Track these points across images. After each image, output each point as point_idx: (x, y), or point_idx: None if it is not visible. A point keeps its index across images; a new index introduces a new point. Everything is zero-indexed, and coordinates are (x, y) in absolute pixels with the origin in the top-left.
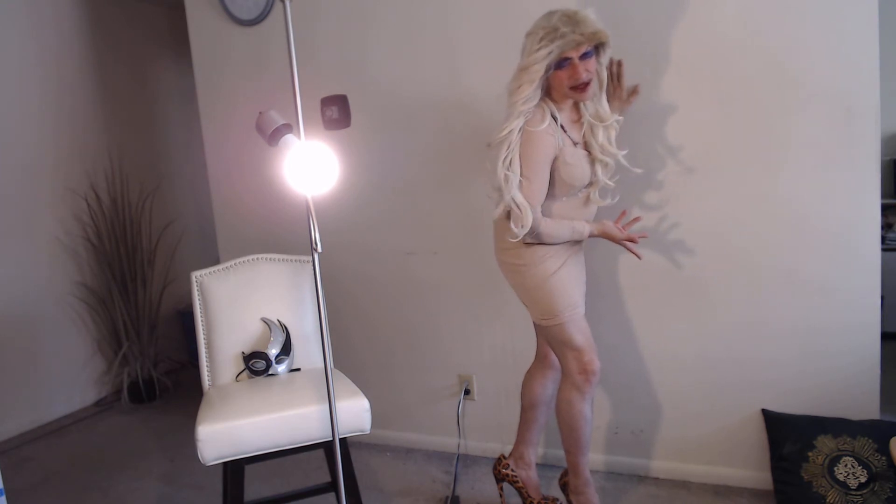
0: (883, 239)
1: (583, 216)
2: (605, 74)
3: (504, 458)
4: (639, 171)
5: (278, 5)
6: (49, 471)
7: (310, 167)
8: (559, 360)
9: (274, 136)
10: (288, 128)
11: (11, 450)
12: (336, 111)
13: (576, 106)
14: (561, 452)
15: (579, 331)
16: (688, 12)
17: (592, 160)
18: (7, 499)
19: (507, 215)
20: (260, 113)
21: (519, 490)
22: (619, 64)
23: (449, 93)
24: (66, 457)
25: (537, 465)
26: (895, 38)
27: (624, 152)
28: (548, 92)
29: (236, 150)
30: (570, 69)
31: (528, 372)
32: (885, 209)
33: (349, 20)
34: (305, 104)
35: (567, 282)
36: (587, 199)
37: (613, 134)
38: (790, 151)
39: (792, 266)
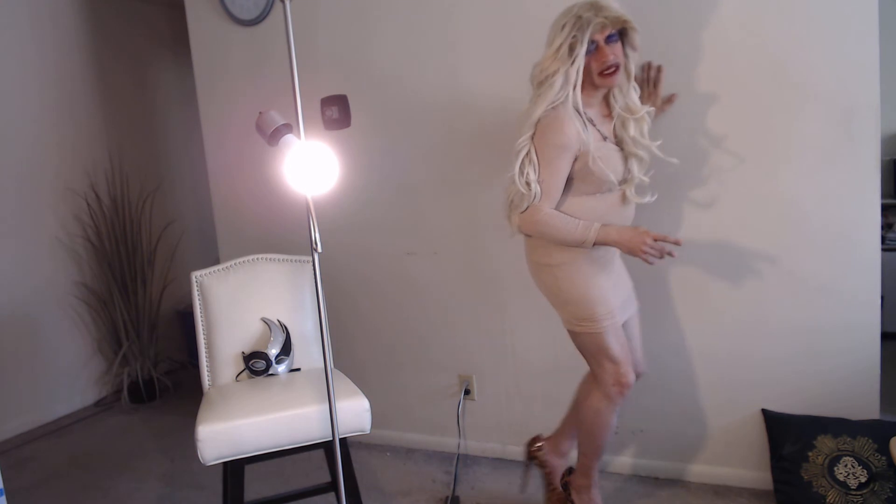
0: (883, 239)
1: (620, 216)
2: (632, 66)
3: (540, 438)
4: (675, 160)
5: (278, 5)
6: (49, 471)
7: (310, 167)
8: (592, 367)
9: (274, 136)
10: (288, 128)
11: (11, 450)
12: (336, 111)
13: (605, 101)
14: None
15: (617, 341)
16: (687, 12)
17: (626, 156)
18: (7, 499)
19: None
20: (260, 113)
21: (546, 475)
22: (659, 69)
23: (449, 92)
24: (66, 457)
25: None
26: (895, 38)
27: (658, 143)
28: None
29: (236, 150)
30: (597, 53)
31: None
32: (885, 209)
33: (349, 20)
34: (305, 104)
35: (606, 288)
36: (623, 198)
37: (645, 127)
38: (790, 151)
39: (792, 266)
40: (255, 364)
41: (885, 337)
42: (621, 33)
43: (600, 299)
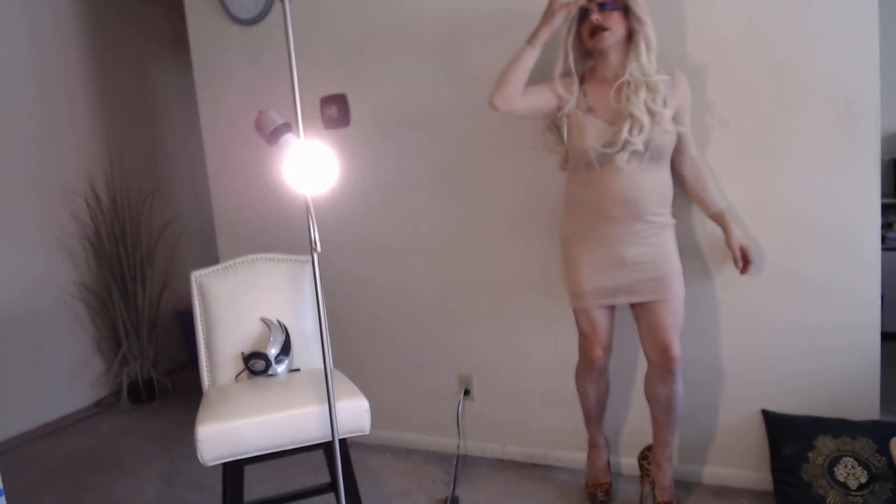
0: (883, 238)
1: (603, 195)
2: (641, 40)
3: (648, 449)
4: (683, 129)
5: (278, 5)
6: (49, 471)
7: (309, 167)
8: None
9: (273, 135)
10: (287, 127)
11: (11, 450)
12: (336, 111)
13: (619, 74)
14: (561, 453)
15: (586, 321)
16: (687, 11)
17: (622, 123)
18: (7, 499)
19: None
20: (259, 112)
21: (650, 483)
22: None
23: (449, 92)
24: (66, 457)
25: (539, 465)
26: (895, 38)
27: (671, 112)
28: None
29: (236, 149)
30: (587, 18)
31: None
32: (885, 209)
33: (349, 19)
34: (305, 103)
35: (587, 272)
36: (612, 171)
37: (659, 97)
38: (790, 150)
39: (792, 265)
40: (255, 364)
41: (885, 337)
42: (626, 8)
43: (575, 280)
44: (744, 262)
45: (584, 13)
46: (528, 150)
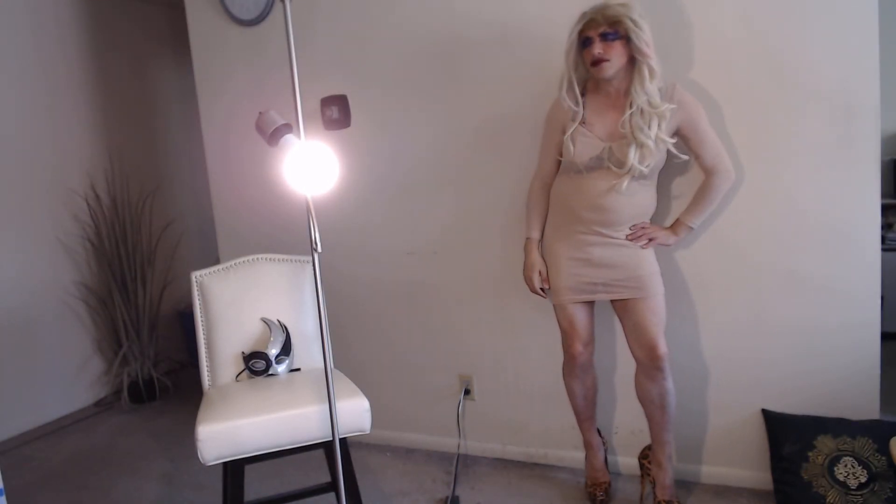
0: (883, 239)
1: (583, 198)
2: (645, 69)
3: (648, 448)
4: (686, 157)
5: (278, 5)
6: (49, 471)
7: (310, 167)
8: None
9: (274, 136)
10: (288, 128)
11: (11, 450)
12: (336, 111)
13: (624, 94)
14: (561, 452)
15: (564, 317)
16: (688, 12)
17: (619, 145)
18: (7, 499)
19: None
20: (260, 113)
21: (651, 483)
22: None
23: (448, 93)
24: (66, 457)
25: (539, 465)
26: (895, 38)
27: (673, 140)
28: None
29: (236, 150)
30: (589, 47)
31: None
32: (885, 209)
33: (349, 20)
34: (305, 104)
35: (558, 266)
36: (597, 178)
37: (664, 124)
38: (790, 151)
39: (792, 265)
40: (255, 364)
41: (885, 337)
42: (628, 35)
43: (553, 276)
44: (635, 236)
45: (587, 39)
46: (529, 150)
